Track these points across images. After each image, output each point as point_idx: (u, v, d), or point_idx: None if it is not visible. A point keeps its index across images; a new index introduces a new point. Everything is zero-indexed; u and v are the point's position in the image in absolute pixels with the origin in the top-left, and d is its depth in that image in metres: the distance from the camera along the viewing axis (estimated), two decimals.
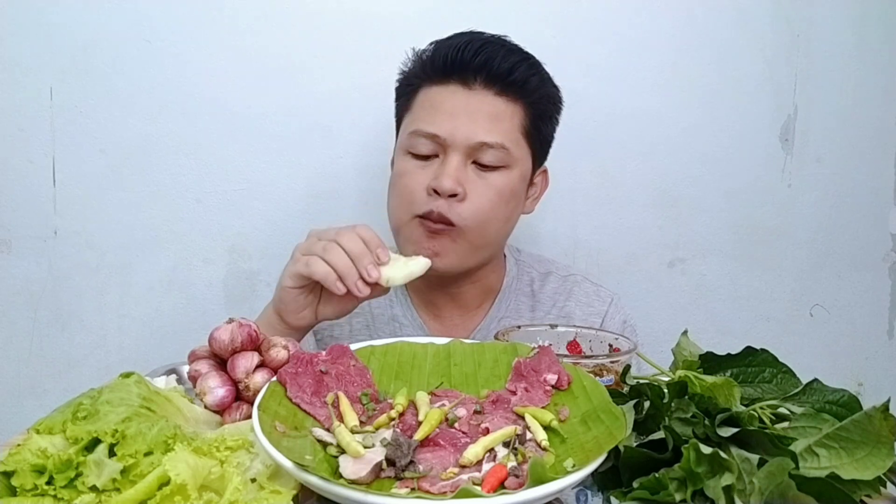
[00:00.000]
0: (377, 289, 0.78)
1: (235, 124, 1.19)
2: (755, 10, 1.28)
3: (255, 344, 0.65)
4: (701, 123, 1.30)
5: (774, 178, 1.33)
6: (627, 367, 0.66)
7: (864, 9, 1.31)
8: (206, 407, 0.61)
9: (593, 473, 0.48)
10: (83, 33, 1.14)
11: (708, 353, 0.66)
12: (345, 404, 0.56)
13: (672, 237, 1.33)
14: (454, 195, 0.89)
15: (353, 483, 0.45)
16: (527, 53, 0.95)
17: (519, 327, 0.77)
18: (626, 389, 0.62)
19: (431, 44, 0.96)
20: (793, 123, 1.32)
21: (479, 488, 0.45)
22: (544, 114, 0.97)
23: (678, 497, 0.47)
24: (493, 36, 0.95)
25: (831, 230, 1.36)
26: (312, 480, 0.43)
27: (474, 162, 0.92)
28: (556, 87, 0.98)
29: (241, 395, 0.62)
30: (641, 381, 0.61)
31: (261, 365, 0.63)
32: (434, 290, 1.02)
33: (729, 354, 0.65)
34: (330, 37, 1.19)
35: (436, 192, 0.89)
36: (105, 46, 1.15)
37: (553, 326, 0.78)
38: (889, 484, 0.51)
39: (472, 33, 0.95)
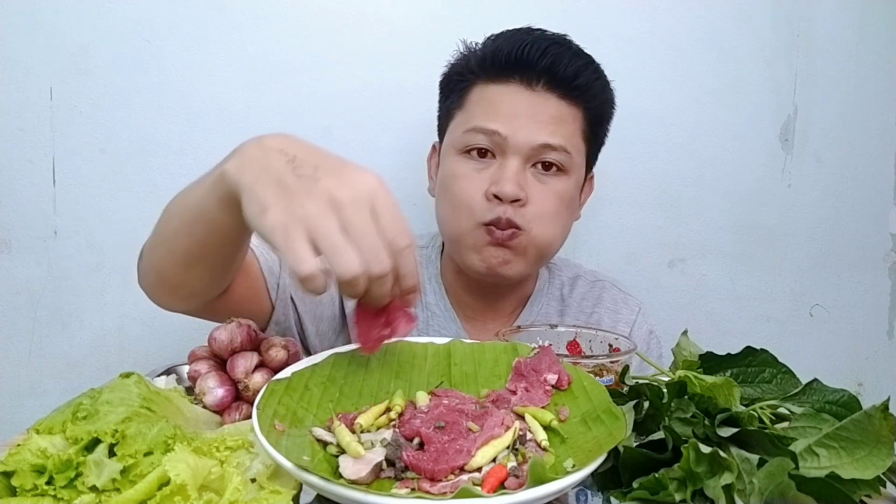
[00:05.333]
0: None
1: (235, 124, 1.19)
2: (755, 10, 1.28)
3: (254, 344, 0.66)
4: (701, 123, 1.30)
5: (774, 178, 1.34)
6: (627, 368, 0.66)
7: (864, 9, 1.31)
8: (205, 407, 0.61)
9: (593, 473, 0.48)
10: (83, 33, 1.14)
11: (708, 353, 0.66)
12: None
13: (672, 237, 1.33)
14: (516, 200, 0.84)
15: (353, 483, 0.45)
16: (589, 57, 0.91)
17: (519, 328, 0.77)
18: (625, 389, 0.62)
19: (489, 37, 0.91)
20: (793, 123, 1.32)
21: (479, 488, 0.45)
22: (602, 118, 0.94)
23: (678, 497, 0.47)
24: (556, 35, 0.90)
25: (831, 230, 1.36)
26: (312, 480, 0.43)
27: (533, 166, 0.87)
28: (612, 91, 0.95)
29: (240, 395, 0.62)
30: (641, 382, 0.61)
31: (260, 365, 0.63)
32: (473, 294, 0.98)
33: (729, 354, 0.65)
34: (330, 37, 1.19)
35: (496, 197, 0.84)
36: (105, 46, 1.15)
37: (553, 326, 0.78)
38: (889, 484, 0.51)
39: (533, 30, 0.90)
